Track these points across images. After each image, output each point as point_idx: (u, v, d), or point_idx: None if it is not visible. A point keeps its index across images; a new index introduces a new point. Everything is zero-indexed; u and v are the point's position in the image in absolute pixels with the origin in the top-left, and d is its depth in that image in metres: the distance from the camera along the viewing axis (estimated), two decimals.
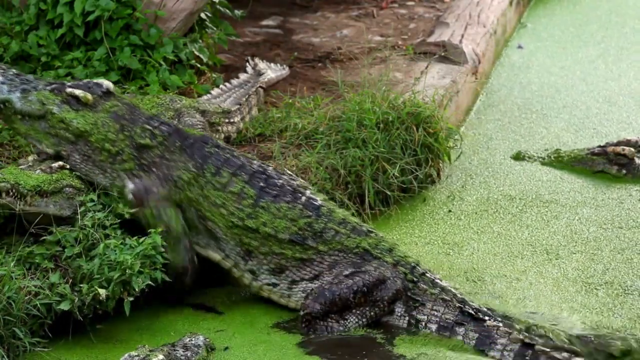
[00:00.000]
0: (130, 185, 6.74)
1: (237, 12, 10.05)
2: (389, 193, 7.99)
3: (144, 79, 8.35)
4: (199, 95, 8.54)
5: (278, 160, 7.85)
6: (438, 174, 8.53)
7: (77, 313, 6.25)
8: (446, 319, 6.65)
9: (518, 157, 9.16)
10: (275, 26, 11.55)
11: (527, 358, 6.47)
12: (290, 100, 8.66)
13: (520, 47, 12.00)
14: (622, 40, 12.36)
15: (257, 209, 6.73)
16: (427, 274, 6.77)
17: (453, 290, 6.77)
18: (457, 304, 6.65)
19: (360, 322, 6.62)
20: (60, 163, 6.71)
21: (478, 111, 10.16)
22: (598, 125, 9.87)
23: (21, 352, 6.07)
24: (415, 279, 6.72)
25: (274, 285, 6.79)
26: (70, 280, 6.34)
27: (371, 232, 6.86)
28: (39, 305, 6.13)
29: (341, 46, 10.76)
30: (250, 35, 11.10)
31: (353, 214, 7.71)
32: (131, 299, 6.34)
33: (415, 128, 8.18)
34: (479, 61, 10.50)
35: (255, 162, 6.95)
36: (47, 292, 6.19)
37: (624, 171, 8.83)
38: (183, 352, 6.08)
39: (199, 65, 8.94)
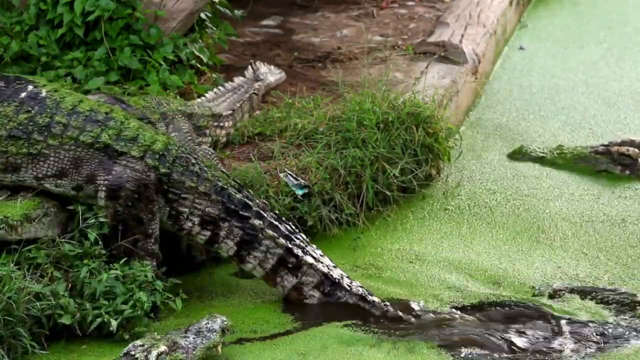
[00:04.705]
0: None
1: (237, 12, 10.05)
2: (388, 193, 7.98)
3: (144, 79, 8.34)
4: (199, 96, 8.53)
5: (278, 160, 7.84)
6: (438, 174, 8.52)
7: (77, 328, 6.23)
8: (209, 212, 6.54)
9: (520, 152, 9.11)
10: (275, 26, 11.54)
11: (289, 265, 6.46)
12: (290, 100, 8.66)
13: (521, 48, 11.96)
14: (625, 40, 12.32)
15: None
16: (179, 160, 6.56)
17: (211, 177, 6.60)
18: (219, 198, 6.54)
19: (157, 220, 6.49)
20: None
21: (476, 112, 10.15)
22: (594, 126, 9.85)
23: (21, 353, 6.06)
24: (167, 171, 6.54)
25: (21, 181, 6.57)
26: (70, 285, 6.34)
27: (110, 117, 6.60)
28: (40, 314, 6.11)
29: (341, 46, 10.75)
30: (250, 35, 11.10)
31: (348, 215, 7.72)
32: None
33: (415, 128, 8.17)
34: (479, 61, 10.49)
35: None
36: (49, 299, 6.16)
37: (628, 172, 8.77)
38: (193, 338, 5.95)
39: (199, 66, 8.93)
